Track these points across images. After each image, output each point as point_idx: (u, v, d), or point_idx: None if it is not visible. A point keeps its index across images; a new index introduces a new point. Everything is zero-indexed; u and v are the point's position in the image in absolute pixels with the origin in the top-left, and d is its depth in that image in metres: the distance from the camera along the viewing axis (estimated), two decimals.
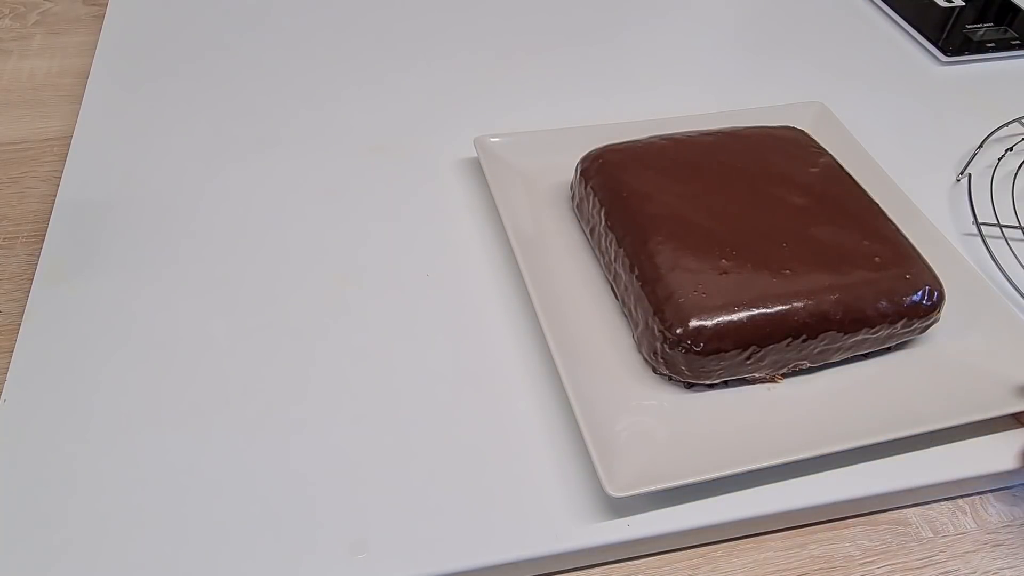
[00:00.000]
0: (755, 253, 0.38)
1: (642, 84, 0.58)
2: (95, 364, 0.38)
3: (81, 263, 0.42)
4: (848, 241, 0.39)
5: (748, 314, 0.36)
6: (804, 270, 0.38)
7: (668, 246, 0.39)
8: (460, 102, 0.54)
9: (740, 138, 0.46)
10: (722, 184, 0.42)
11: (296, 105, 0.53)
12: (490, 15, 0.63)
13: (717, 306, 0.36)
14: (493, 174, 0.46)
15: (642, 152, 0.44)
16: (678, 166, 0.43)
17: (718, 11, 0.67)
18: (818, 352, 0.38)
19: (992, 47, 0.64)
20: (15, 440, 0.35)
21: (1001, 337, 0.40)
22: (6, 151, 0.50)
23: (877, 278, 0.38)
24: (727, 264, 0.38)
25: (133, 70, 0.55)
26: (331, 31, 0.60)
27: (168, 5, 0.61)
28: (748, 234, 0.39)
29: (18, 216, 0.46)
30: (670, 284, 0.37)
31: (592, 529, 0.34)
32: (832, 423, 0.37)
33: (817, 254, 0.39)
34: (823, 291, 0.37)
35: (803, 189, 0.42)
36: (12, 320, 0.41)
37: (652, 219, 0.40)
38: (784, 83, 0.59)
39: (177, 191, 0.47)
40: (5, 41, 0.58)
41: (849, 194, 0.43)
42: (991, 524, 0.38)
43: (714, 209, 0.41)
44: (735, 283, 0.37)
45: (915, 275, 0.39)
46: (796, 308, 0.37)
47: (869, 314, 0.38)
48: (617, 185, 0.42)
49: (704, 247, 0.39)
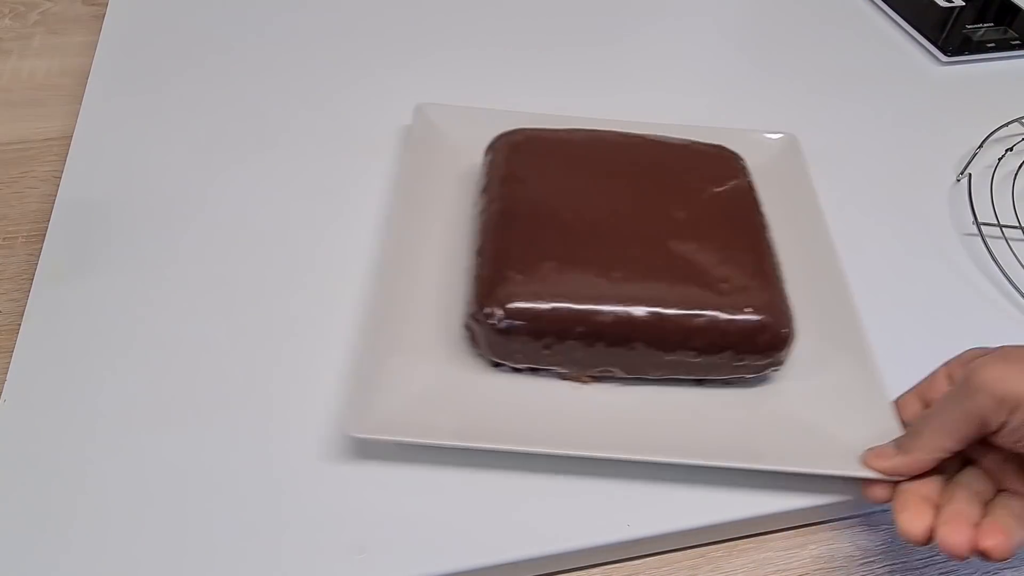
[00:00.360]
0: (596, 252, 0.38)
1: (634, 86, 0.58)
2: (95, 364, 0.38)
3: (81, 263, 0.42)
4: (705, 263, 0.38)
5: (553, 305, 0.36)
6: (637, 278, 0.37)
7: (512, 228, 0.39)
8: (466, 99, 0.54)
9: (660, 146, 0.45)
10: (611, 184, 0.42)
11: (297, 105, 0.53)
12: (493, 16, 0.63)
13: (526, 292, 0.36)
14: (417, 141, 0.47)
15: (549, 138, 0.44)
16: (578, 159, 0.43)
17: (717, 11, 0.67)
18: (630, 363, 0.37)
19: (992, 47, 0.64)
20: (15, 440, 0.35)
21: (854, 401, 0.37)
22: (6, 151, 0.50)
23: (710, 303, 0.37)
24: (560, 256, 0.38)
25: (133, 70, 0.55)
26: (332, 31, 0.60)
27: (168, 5, 0.60)
28: (602, 234, 0.39)
29: (18, 216, 0.46)
30: (496, 263, 0.38)
31: (591, 529, 0.34)
32: (615, 432, 0.36)
33: (662, 267, 0.38)
34: (641, 300, 0.36)
35: (693, 205, 0.41)
36: (12, 320, 0.41)
37: (512, 200, 0.40)
38: (784, 83, 0.59)
39: (177, 191, 0.46)
40: (5, 41, 0.58)
41: (741, 221, 0.41)
42: None
43: (584, 205, 0.40)
44: (556, 275, 0.37)
45: (757, 310, 0.37)
46: (604, 311, 0.36)
47: (685, 336, 0.36)
48: (504, 165, 0.43)
49: (548, 236, 0.38)
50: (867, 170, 0.53)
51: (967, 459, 0.33)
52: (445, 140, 0.48)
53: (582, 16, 0.64)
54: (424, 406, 0.36)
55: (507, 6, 0.63)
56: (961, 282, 0.46)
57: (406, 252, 0.41)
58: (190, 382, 0.37)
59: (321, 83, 0.55)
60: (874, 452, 0.34)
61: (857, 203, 0.50)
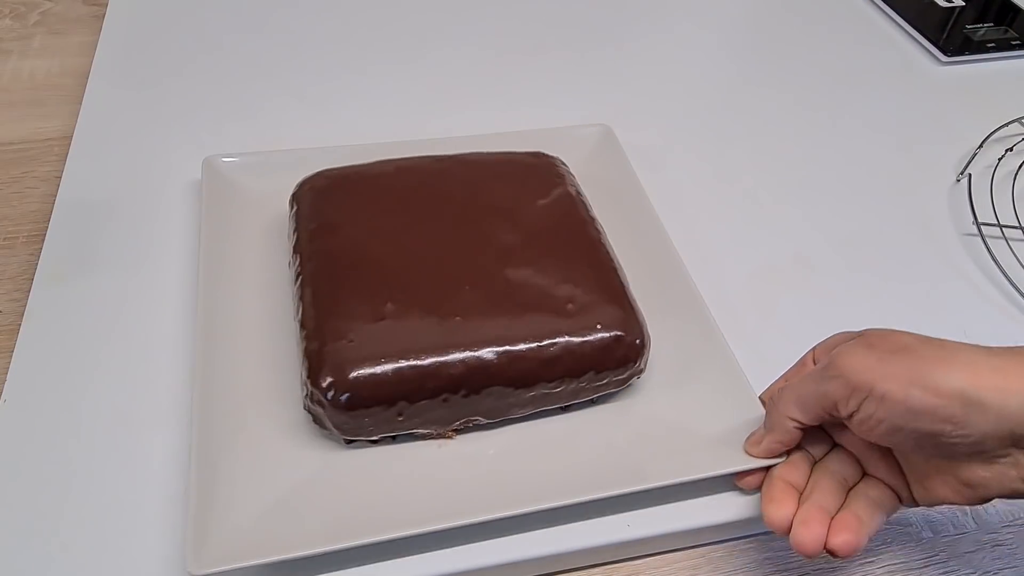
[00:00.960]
0: (429, 297, 0.35)
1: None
2: (95, 363, 0.38)
3: (81, 263, 0.42)
4: (546, 285, 0.36)
5: (394, 367, 0.32)
6: (477, 318, 0.34)
7: (332, 289, 0.35)
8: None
9: (474, 165, 0.42)
10: (430, 216, 0.39)
11: (295, 104, 0.53)
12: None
13: (362, 358, 0.33)
14: (212, 197, 0.42)
15: (356, 178, 0.41)
16: (389, 195, 0.40)
17: (718, 9, 0.67)
18: (489, 408, 0.35)
19: (992, 47, 0.64)
20: (15, 439, 0.35)
21: (720, 396, 0.36)
22: (7, 151, 0.50)
23: (560, 328, 0.35)
24: (391, 309, 0.34)
25: (133, 70, 0.55)
26: (330, 31, 0.60)
27: (167, 5, 0.61)
28: (431, 275, 0.36)
29: (18, 216, 0.46)
30: (322, 332, 0.34)
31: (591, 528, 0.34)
32: (500, 484, 0.33)
33: (501, 299, 0.35)
34: (487, 342, 0.34)
35: (521, 224, 0.39)
36: (12, 320, 0.41)
37: (328, 257, 0.37)
38: (784, 83, 0.59)
39: (176, 190, 0.46)
40: (5, 41, 0.58)
41: (573, 232, 0.39)
42: (991, 524, 0.38)
43: (407, 246, 0.37)
44: (391, 331, 0.33)
45: (608, 325, 0.35)
46: (453, 361, 0.33)
47: (542, 369, 0.34)
48: (311, 215, 0.39)
49: (373, 290, 0.35)
50: (868, 169, 0.53)
51: (836, 443, 0.34)
52: (244, 192, 0.44)
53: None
54: (279, 514, 0.31)
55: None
56: (961, 282, 0.46)
57: (222, 332, 0.37)
58: (189, 381, 0.37)
59: (319, 82, 0.55)
60: (749, 440, 0.34)
61: (858, 202, 0.50)
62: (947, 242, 0.48)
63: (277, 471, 0.33)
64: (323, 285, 0.36)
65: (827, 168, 0.52)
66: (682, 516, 0.34)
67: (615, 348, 0.35)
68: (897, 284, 0.46)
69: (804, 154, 0.53)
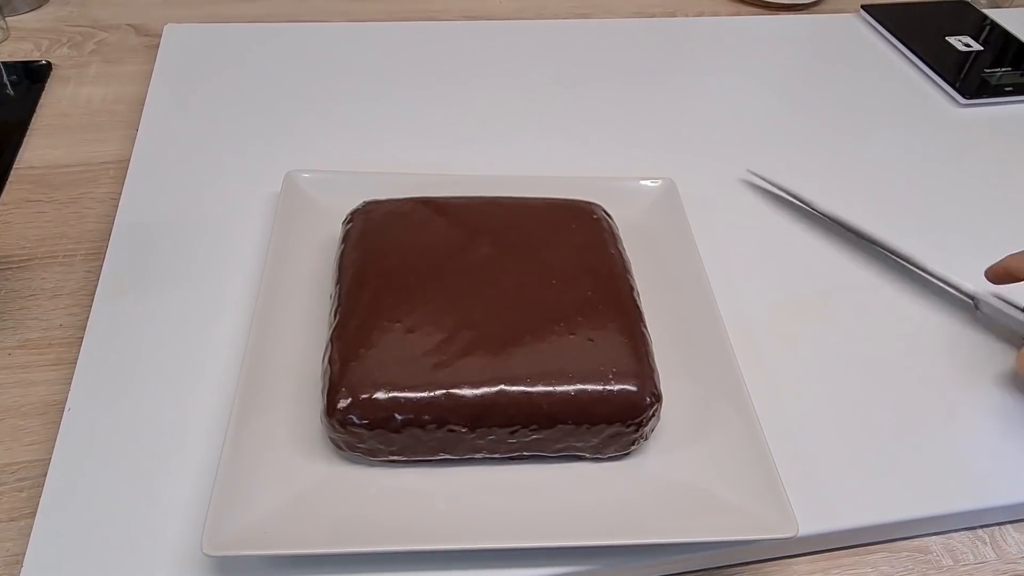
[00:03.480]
0: (447, 331, 0.36)
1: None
2: (154, 375, 0.40)
3: (139, 279, 0.44)
4: (562, 333, 0.37)
5: (394, 396, 0.34)
6: (485, 358, 0.35)
7: (357, 316, 0.37)
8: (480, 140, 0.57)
9: (517, 208, 0.43)
10: (466, 254, 0.40)
11: (341, 133, 0.56)
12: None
13: (375, 383, 0.34)
14: (286, 210, 0.45)
15: (401, 211, 0.43)
16: (431, 231, 0.41)
17: (745, 57, 0.69)
18: (494, 444, 0.36)
19: (1010, 91, 0.65)
20: (80, 446, 0.37)
21: (734, 465, 0.36)
22: (66, 173, 0.52)
23: (569, 375, 0.35)
24: (410, 338, 0.36)
25: (186, 97, 0.57)
26: (374, 61, 0.63)
27: (216, 37, 0.63)
28: (454, 311, 0.37)
29: (77, 235, 0.48)
30: (343, 354, 0.36)
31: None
32: (486, 518, 0.34)
33: (513, 344, 0.36)
34: (488, 382, 0.35)
35: (549, 270, 0.40)
36: (72, 333, 0.43)
37: (361, 286, 0.38)
38: (802, 125, 0.61)
39: (229, 213, 0.49)
40: (63, 68, 0.61)
41: (602, 283, 0.40)
42: (1010, 554, 0.39)
43: (438, 280, 0.39)
44: (413, 362, 0.35)
45: (619, 377, 0.35)
46: (459, 395, 0.34)
47: (541, 414, 0.35)
48: (356, 243, 0.41)
49: (396, 319, 0.37)
50: (891, 209, 0.54)
51: None
52: (314, 207, 0.47)
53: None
54: (291, 511, 0.34)
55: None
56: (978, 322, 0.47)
57: (271, 338, 0.39)
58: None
59: (365, 112, 0.57)
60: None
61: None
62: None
63: (294, 474, 0.35)
64: (352, 309, 0.38)
65: (852, 207, 0.54)
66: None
67: (623, 400, 0.35)
68: (922, 325, 0.47)
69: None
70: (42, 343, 0.42)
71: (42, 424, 0.39)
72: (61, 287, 0.45)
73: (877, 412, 0.42)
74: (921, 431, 0.41)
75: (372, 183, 0.47)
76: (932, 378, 0.44)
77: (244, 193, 0.50)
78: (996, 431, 0.41)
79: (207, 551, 0.31)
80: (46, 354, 0.42)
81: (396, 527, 0.34)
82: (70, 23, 0.66)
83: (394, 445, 0.35)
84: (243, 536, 0.32)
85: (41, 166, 0.53)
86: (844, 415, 0.41)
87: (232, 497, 0.33)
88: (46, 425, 0.39)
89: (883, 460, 0.40)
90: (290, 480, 0.35)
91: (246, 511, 0.33)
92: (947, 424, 0.42)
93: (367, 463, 0.36)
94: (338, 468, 0.36)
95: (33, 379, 0.40)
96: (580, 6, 0.74)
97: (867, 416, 0.42)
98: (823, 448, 0.40)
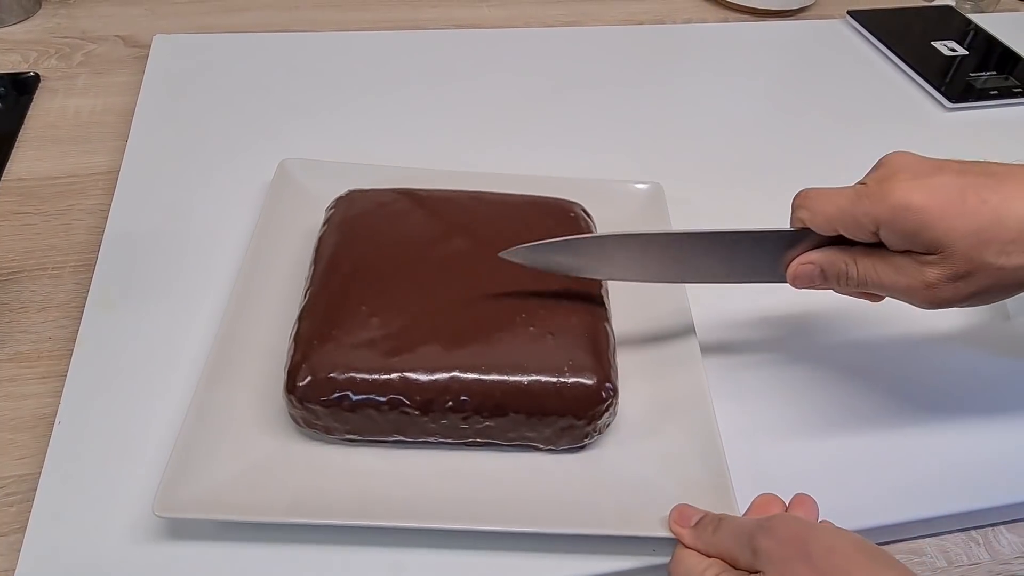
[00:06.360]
0: (411, 318, 0.37)
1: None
2: (144, 387, 0.40)
3: (129, 291, 0.44)
4: (524, 325, 0.37)
5: (363, 376, 0.35)
6: (444, 345, 0.36)
7: (331, 296, 0.38)
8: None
9: (496, 204, 0.44)
10: (441, 244, 0.41)
11: (331, 142, 0.56)
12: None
13: (334, 364, 0.35)
14: (275, 196, 0.46)
15: (384, 200, 0.43)
16: (410, 220, 0.42)
17: (729, 60, 0.70)
18: (447, 430, 0.36)
19: (995, 94, 0.66)
20: (70, 460, 0.37)
21: (685, 464, 0.37)
22: (54, 185, 0.52)
23: (527, 366, 0.36)
24: (382, 323, 0.36)
25: (175, 108, 0.57)
26: (363, 71, 0.63)
27: (205, 47, 0.63)
28: (421, 299, 0.38)
29: (66, 247, 0.48)
30: (308, 333, 0.37)
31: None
32: (433, 498, 0.35)
33: (475, 333, 0.37)
34: (443, 368, 0.35)
35: (523, 265, 0.39)
36: (62, 345, 0.42)
37: (334, 268, 0.39)
38: (789, 130, 0.62)
39: (219, 224, 0.49)
40: (51, 80, 0.61)
41: (573, 282, 0.39)
42: (1004, 555, 0.39)
43: (411, 269, 0.39)
44: (375, 344, 0.36)
45: (574, 370, 0.36)
46: (423, 380, 0.35)
47: (495, 403, 0.35)
48: (336, 228, 0.42)
49: (368, 302, 0.37)
50: None
51: None
52: (303, 195, 0.47)
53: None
54: (246, 481, 0.34)
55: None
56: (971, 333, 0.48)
57: (246, 316, 0.40)
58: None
59: (358, 122, 0.57)
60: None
61: None
62: None
63: (253, 445, 0.36)
64: (324, 289, 0.39)
65: None
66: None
67: (577, 393, 0.36)
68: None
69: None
70: (31, 356, 0.42)
71: (32, 438, 0.38)
72: (50, 299, 0.45)
73: (866, 413, 0.42)
74: (913, 432, 0.41)
75: (363, 174, 0.48)
76: (923, 378, 0.44)
77: (234, 204, 0.50)
78: (988, 432, 0.42)
79: (157, 512, 0.32)
80: (36, 367, 0.41)
81: (346, 503, 0.34)
82: (58, 34, 0.66)
83: (349, 424, 0.36)
84: (196, 501, 0.33)
85: (30, 178, 0.52)
86: (833, 417, 0.42)
87: (189, 462, 0.34)
88: (36, 439, 0.38)
89: (875, 462, 0.40)
90: (247, 451, 0.36)
91: (202, 477, 0.34)
92: (940, 425, 0.42)
93: (325, 440, 0.37)
94: (296, 444, 0.37)
95: (23, 392, 0.40)
96: (568, 14, 0.74)
97: (857, 418, 0.42)
98: (821, 450, 0.40)
